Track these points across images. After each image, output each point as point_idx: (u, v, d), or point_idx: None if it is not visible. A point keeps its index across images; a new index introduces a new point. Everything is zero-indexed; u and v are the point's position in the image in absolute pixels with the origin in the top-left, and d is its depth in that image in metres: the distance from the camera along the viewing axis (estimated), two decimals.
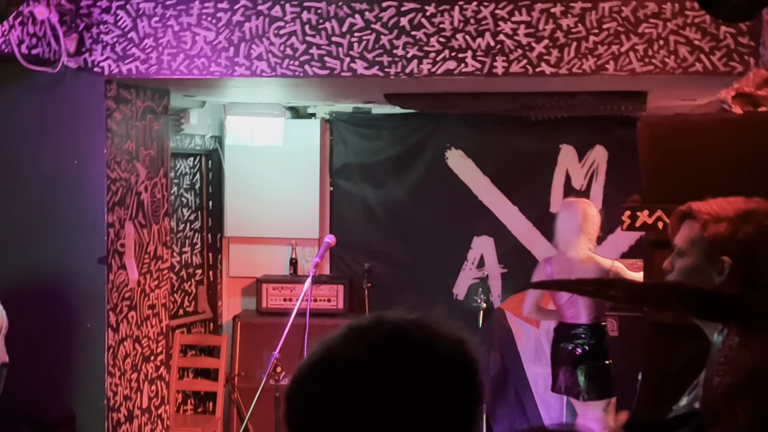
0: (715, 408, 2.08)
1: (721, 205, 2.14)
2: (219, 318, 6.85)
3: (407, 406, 1.16)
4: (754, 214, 2.09)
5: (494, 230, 6.58)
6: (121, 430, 4.81)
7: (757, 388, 2.01)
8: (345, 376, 1.17)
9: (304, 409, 1.19)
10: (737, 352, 2.08)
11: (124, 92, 4.73)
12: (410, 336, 1.20)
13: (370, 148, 6.72)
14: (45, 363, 4.57)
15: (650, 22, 4.15)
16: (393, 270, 6.66)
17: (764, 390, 1.97)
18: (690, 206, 2.20)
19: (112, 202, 4.64)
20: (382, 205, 6.70)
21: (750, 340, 2.04)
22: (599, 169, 6.50)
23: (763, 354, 2.00)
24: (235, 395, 6.27)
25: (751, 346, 2.04)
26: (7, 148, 4.60)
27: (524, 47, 4.25)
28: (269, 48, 4.42)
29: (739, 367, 2.06)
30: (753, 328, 1.94)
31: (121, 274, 4.73)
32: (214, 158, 6.81)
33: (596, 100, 5.24)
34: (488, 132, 6.52)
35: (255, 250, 6.81)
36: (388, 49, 4.34)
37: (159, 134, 5.09)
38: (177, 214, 6.60)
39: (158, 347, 5.14)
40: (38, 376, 4.51)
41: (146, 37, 4.51)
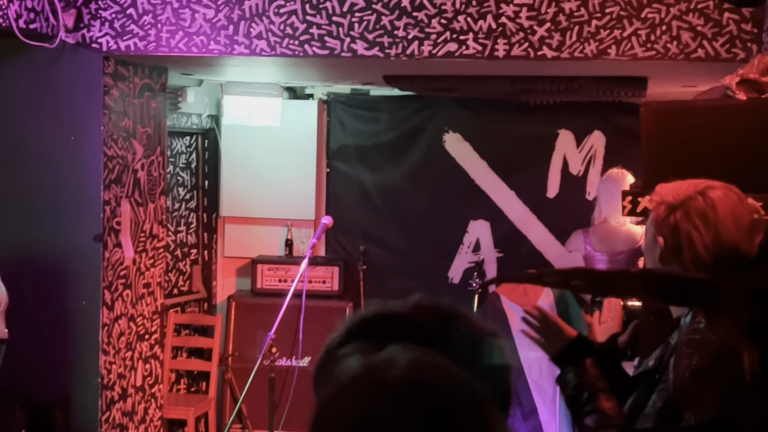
0: (684, 390, 2.10)
1: (673, 188, 2.28)
2: (213, 298, 6.84)
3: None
4: (692, 199, 2.22)
5: (491, 214, 6.56)
6: (115, 408, 4.80)
7: (723, 369, 2.04)
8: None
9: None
10: (702, 334, 2.11)
11: (122, 69, 4.70)
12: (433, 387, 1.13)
13: (368, 130, 6.70)
14: (39, 340, 4.56)
15: (653, 7, 4.13)
16: (388, 253, 6.65)
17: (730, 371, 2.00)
18: (656, 188, 2.33)
19: (108, 180, 4.61)
20: (379, 188, 6.68)
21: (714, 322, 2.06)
22: (597, 155, 6.49)
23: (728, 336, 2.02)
24: (229, 375, 6.26)
25: (715, 329, 2.07)
26: (3, 123, 4.57)
27: (526, 30, 4.23)
28: (269, 27, 4.39)
29: (705, 349, 2.09)
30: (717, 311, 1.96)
31: (116, 252, 4.71)
32: (210, 137, 6.78)
33: (596, 85, 5.22)
34: (486, 116, 6.49)
35: (250, 231, 6.79)
36: (388, 29, 4.32)
37: (156, 112, 5.06)
38: (172, 193, 6.57)
39: (153, 326, 5.13)
40: (32, 353, 4.49)
41: (145, 13, 4.47)
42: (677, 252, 2.21)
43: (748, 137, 2.86)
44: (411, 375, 1.04)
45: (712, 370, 2.09)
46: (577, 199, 6.45)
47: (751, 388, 1.96)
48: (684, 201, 2.22)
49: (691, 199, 2.22)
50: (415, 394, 1.02)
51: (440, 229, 6.59)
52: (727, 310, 1.93)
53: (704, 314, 2.12)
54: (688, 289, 1.86)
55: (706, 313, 2.10)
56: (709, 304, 1.94)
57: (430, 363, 1.07)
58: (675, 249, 2.22)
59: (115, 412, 4.81)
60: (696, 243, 2.19)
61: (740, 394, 2.00)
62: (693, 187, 2.24)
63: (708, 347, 2.11)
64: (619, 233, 5.42)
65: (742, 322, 1.90)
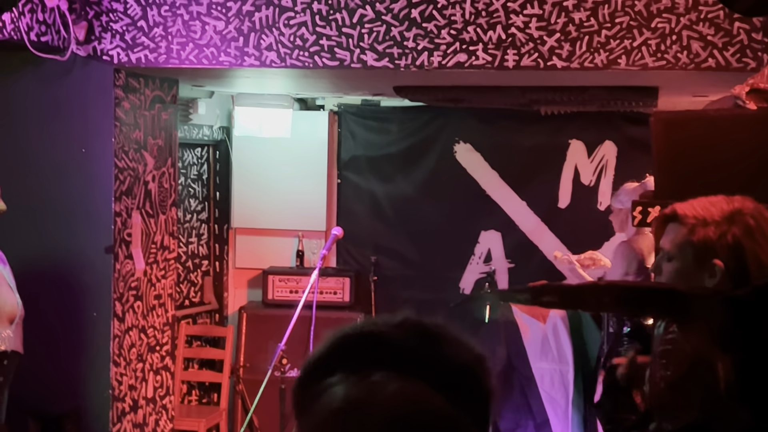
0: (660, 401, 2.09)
1: (705, 207, 2.11)
2: (225, 309, 6.84)
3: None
4: (740, 215, 2.06)
5: (502, 225, 6.55)
6: (126, 419, 4.80)
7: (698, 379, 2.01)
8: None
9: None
10: (676, 344, 2.08)
11: (133, 81, 4.72)
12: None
13: (379, 141, 6.70)
14: (51, 352, 4.57)
15: (663, 16, 4.12)
16: (400, 263, 6.64)
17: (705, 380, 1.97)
18: (674, 209, 2.16)
19: (119, 191, 4.62)
20: (390, 199, 6.67)
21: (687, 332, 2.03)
22: (608, 165, 6.47)
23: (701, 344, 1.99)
24: (240, 386, 6.26)
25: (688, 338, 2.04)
26: (15, 135, 4.59)
27: (536, 41, 4.23)
28: (279, 38, 4.40)
29: (679, 359, 2.06)
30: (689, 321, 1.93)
31: (127, 263, 4.72)
32: (221, 149, 6.79)
33: (607, 95, 5.21)
34: (497, 126, 6.49)
35: (261, 242, 6.79)
36: (398, 40, 4.32)
37: (167, 124, 5.07)
38: (184, 205, 6.58)
39: (164, 337, 5.14)
40: (44, 364, 4.50)
41: (156, 26, 4.49)
42: (741, 273, 2.04)
43: (759, 146, 2.85)
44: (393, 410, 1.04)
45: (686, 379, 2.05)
46: (589, 209, 6.44)
47: (727, 396, 1.91)
48: (732, 217, 2.07)
49: (740, 214, 2.07)
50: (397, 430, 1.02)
51: (451, 240, 6.58)
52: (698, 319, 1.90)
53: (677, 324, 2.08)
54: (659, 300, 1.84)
55: (678, 322, 2.05)
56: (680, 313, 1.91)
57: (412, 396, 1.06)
58: (738, 270, 2.05)
59: (127, 423, 4.81)
60: (762, 259, 2.03)
61: (716, 403, 1.95)
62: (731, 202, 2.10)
63: (682, 357, 2.07)
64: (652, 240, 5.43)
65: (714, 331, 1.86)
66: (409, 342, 1.14)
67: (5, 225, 3.79)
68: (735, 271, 2.04)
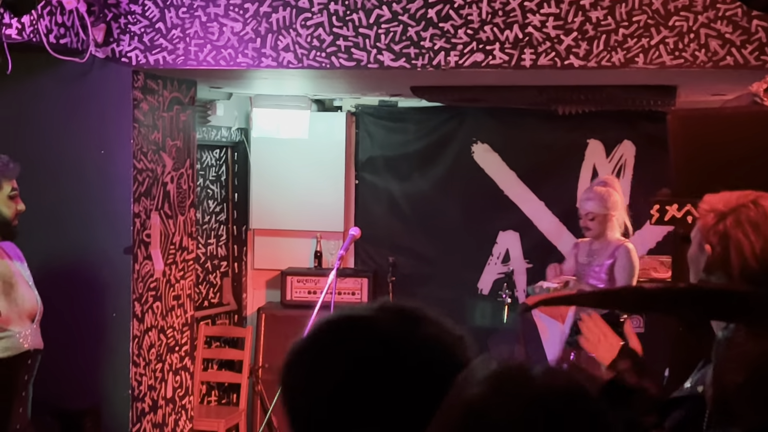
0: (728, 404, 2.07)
1: (720, 198, 2.24)
2: (243, 310, 6.86)
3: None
4: (743, 207, 2.18)
5: (520, 225, 6.54)
6: (146, 419, 4.82)
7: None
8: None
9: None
10: (745, 348, 2.07)
11: (151, 83, 4.74)
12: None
13: (396, 141, 6.70)
14: (71, 351, 4.59)
15: (681, 15, 4.11)
16: (418, 264, 6.64)
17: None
18: (704, 197, 2.28)
19: (138, 193, 4.65)
20: (408, 199, 6.68)
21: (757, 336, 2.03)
22: (627, 165, 6.45)
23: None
24: (259, 387, 6.26)
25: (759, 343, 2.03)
26: (35, 137, 4.62)
27: (553, 40, 4.22)
28: (296, 39, 4.41)
29: (749, 364, 2.05)
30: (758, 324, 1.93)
31: (146, 264, 4.74)
32: (240, 150, 6.82)
33: (625, 94, 5.20)
34: (515, 126, 6.48)
35: (280, 243, 6.81)
36: (415, 40, 4.32)
37: (185, 125, 5.09)
38: (203, 206, 6.61)
39: (183, 338, 5.16)
40: (64, 364, 4.52)
41: (174, 27, 4.51)
42: (725, 260, 2.17)
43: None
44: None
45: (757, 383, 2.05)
46: None
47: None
48: (735, 209, 2.19)
49: (742, 207, 2.18)
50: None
51: (469, 240, 6.58)
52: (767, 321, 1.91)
53: (745, 327, 2.09)
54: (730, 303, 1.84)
55: (746, 325, 2.07)
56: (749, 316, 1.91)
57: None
58: (723, 257, 2.18)
59: (146, 423, 4.83)
60: (745, 251, 2.15)
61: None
62: (744, 197, 2.21)
63: (751, 360, 2.07)
64: (610, 244, 5.34)
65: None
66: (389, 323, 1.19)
67: (25, 226, 3.81)
68: (720, 257, 2.17)
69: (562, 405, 1.04)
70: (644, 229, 6.30)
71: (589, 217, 5.31)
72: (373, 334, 1.20)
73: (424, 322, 1.22)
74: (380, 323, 1.22)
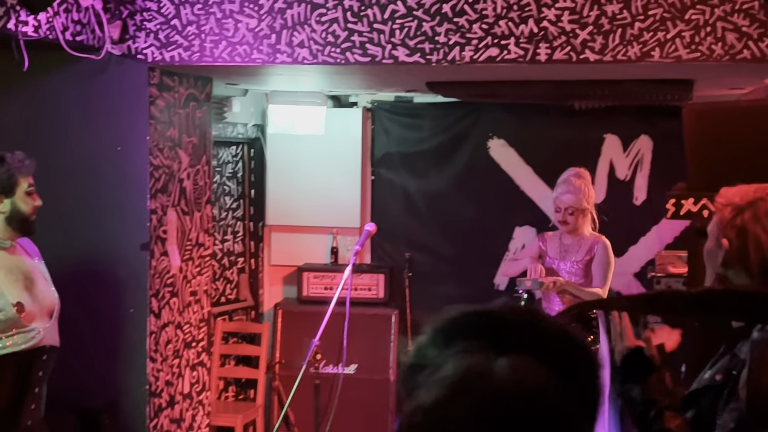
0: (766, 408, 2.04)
1: (737, 191, 2.23)
2: (260, 306, 6.88)
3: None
4: (760, 201, 2.17)
5: (536, 220, 6.52)
6: (163, 415, 4.84)
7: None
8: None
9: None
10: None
11: (167, 79, 4.75)
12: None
13: (412, 137, 6.70)
14: (89, 347, 4.62)
15: (697, 8, 4.08)
16: (434, 260, 6.63)
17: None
18: (720, 190, 2.27)
19: (154, 189, 4.66)
20: (424, 195, 6.67)
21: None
22: (644, 159, 6.42)
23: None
24: (276, 383, 6.28)
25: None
26: (52, 134, 4.64)
27: (568, 34, 4.20)
28: (311, 35, 4.41)
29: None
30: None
31: (163, 260, 4.76)
32: (256, 147, 6.83)
33: (642, 88, 5.17)
34: (531, 121, 6.46)
35: (296, 239, 6.82)
36: (429, 36, 4.32)
37: (201, 122, 5.11)
38: (219, 203, 6.63)
39: (200, 333, 5.17)
40: (82, 360, 4.55)
41: (189, 24, 4.52)
42: (743, 254, 2.17)
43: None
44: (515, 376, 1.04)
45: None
46: (625, 204, 6.39)
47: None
48: (752, 202, 2.18)
49: (760, 200, 2.17)
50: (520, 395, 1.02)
51: (486, 236, 6.57)
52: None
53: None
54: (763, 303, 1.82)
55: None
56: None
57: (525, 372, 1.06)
58: (740, 251, 2.17)
59: (163, 419, 4.85)
60: (764, 245, 2.14)
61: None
62: (761, 190, 2.20)
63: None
64: (585, 240, 5.28)
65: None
66: (517, 322, 1.14)
67: (43, 222, 3.83)
68: (737, 251, 2.16)
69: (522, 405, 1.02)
70: (662, 224, 6.28)
71: (569, 212, 5.23)
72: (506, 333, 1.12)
73: (550, 324, 1.15)
74: (511, 323, 1.14)
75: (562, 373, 1.07)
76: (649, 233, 6.39)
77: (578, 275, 5.26)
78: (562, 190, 5.28)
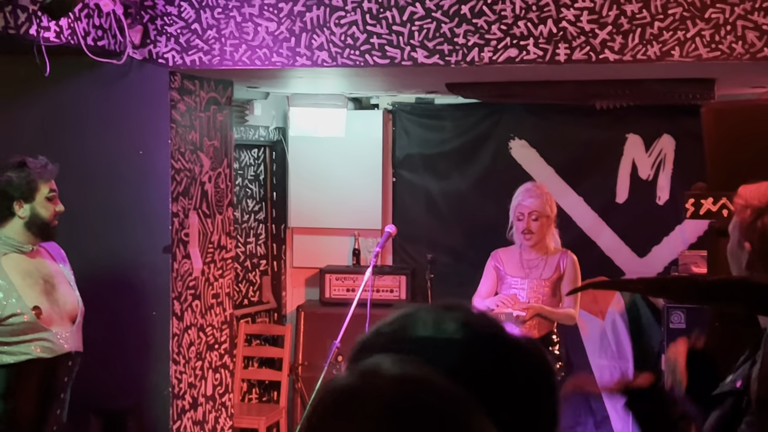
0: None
1: (759, 191, 2.22)
2: (283, 308, 6.90)
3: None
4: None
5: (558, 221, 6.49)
6: (186, 417, 4.87)
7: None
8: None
9: None
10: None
11: (188, 83, 4.78)
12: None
13: (433, 138, 6.70)
14: (112, 350, 4.65)
15: (717, 6, 4.06)
16: (455, 261, 6.63)
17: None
18: (738, 190, 2.26)
19: (176, 192, 4.69)
20: (445, 196, 6.67)
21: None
22: (667, 159, 6.39)
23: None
24: (299, 384, 6.30)
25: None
26: (74, 139, 4.68)
27: (587, 34, 4.19)
28: (330, 38, 4.43)
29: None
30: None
31: (185, 263, 4.79)
32: (277, 149, 6.86)
33: (663, 87, 5.15)
34: (552, 121, 6.44)
35: (318, 241, 6.84)
36: (448, 37, 4.32)
37: (222, 125, 5.13)
38: (241, 205, 6.66)
39: (222, 336, 5.20)
40: (105, 362, 4.58)
41: (209, 28, 4.55)
42: (766, 257, 2.16)
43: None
44: (397, 389, 0.99)
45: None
46: (647, 204, 6.36)
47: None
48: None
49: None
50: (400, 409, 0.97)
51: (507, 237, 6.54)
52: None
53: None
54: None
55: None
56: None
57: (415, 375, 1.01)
58: (763, 254, 2.16)
59: (186, 421, 4.88)
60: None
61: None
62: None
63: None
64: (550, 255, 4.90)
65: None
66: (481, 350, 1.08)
67: (66, 226, 3.87)
68: (760, 254, 2.14)
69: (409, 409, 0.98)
70: (685, 224, 6.24)
71: (532, 217, 4.82)
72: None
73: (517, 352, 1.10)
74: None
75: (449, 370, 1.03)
76: (673, 233, 6.35)
77: (545, 295, 4.85)
78: (522, 196, 4.87)
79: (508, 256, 4.97)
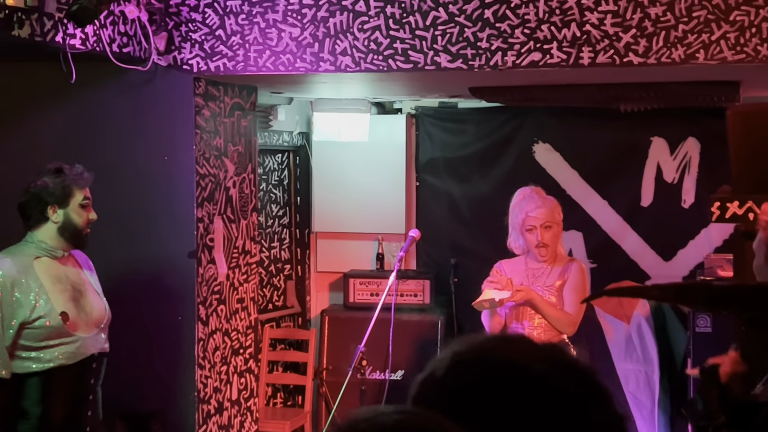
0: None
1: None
2: (307, 312, 6.92)
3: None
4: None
5: (583, 225, 6.48)
6: (212, 421, 4.89)
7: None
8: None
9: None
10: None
11: (213, 89, 4.81)
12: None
13: (456, 142, 6.70)
14: (138, 354, 4.68)
15: (742, 9, 4.04)
16: (479, 265, 6.57)
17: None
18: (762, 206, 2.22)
19: (201, 198, 4.72)
20: (469, 200, 6.66)
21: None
22: (692, 162, 6.35)
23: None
24: (324, 389, 6.32)
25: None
26: (100, 145, 4.72)
27: (611, 37, 4.18)
28: (353, 43, 4.44)
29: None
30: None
31: (210, 268, 4.81)
32: (301, 154, 6.88)
33: (688, 90, 5.12)
34: (576, 125, 6.42)
35: (342, 246, 6.85)
36: (472, 41, 4.32)
37: (247, 130, 5.16)
38: (266, 210, 6.68)
39: (247, 340, 5.22)
40: (131, 367, 4.61)
41: (233, 34, 4.57)
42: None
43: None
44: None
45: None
46: (673, 207, 6.33)
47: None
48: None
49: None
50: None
51: None
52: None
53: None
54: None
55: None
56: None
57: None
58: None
59: (212, 425, 4.90)
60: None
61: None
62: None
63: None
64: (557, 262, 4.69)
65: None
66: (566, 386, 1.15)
67: (92, 232, 3.90)
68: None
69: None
70: (710, 227, 6.21)
71: (545, 226, 4.58)
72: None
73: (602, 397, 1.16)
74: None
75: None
76: (698, 236, 6.31)
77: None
78: (528, 206, 4.61)
79: (512, 267, 4.77)
